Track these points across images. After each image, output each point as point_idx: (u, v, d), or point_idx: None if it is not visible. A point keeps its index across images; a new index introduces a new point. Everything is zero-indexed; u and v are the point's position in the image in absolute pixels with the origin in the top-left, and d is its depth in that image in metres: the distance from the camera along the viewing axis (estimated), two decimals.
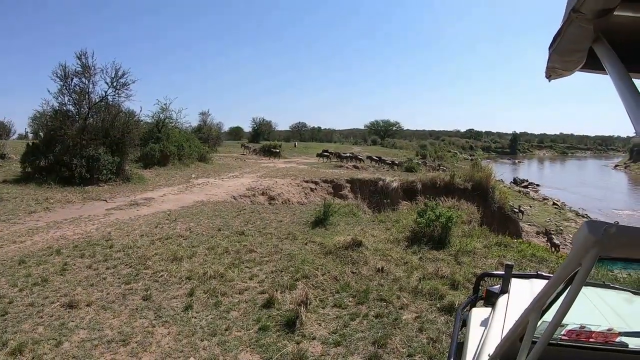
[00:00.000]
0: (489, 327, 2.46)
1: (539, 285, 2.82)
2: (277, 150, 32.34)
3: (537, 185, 41.46)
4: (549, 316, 1.41)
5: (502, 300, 2.79)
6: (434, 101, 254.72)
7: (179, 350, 4.53)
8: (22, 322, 4.96)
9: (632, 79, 1.04)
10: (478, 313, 2.91)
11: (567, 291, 1.10)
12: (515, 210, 20.52)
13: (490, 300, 3.03)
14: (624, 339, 2.05)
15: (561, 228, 21.90)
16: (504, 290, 2.95)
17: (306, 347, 4.63)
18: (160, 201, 12.75)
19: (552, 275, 1.33)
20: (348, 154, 28.92)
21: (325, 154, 29.59)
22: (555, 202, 30.23)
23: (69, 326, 4.92)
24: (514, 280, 3.04)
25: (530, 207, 27.25)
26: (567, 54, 1.16)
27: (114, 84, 17.01)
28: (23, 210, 10.66)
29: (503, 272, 3.09)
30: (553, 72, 1.31)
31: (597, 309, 2.36)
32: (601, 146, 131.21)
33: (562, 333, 2.07)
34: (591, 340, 2.06)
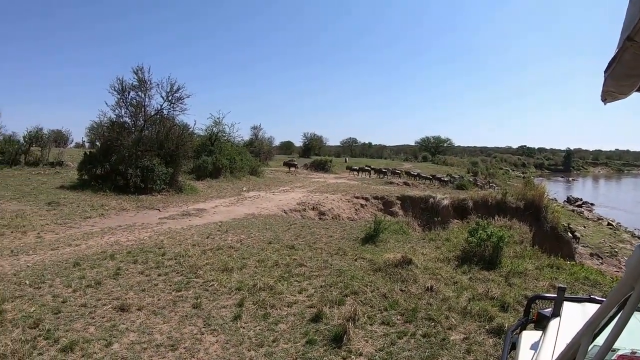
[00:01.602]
0: (539, 351, 2.37)
1: (591, 309, 2.72)
2: (295, 163, 32.49)
3: (592, 204, 39.40)
4: (600, 340, 1.35)
5: (553, 324, 2.68)
6: (485, 117, 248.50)
7: (226, 358, 4.55)
8: (74, 321, 5.14)
9: None
10: (528, 336, 2.79)
11: (619, 315, 1.05)
12: (568, 229, 19.73)
13: (541, 323, 2.91)
14: None
15: (616, 250, 20.68)
16: (556, 313, 2.83)
17: None
18: (211, 212, 13.00)
19: (605, 299, 1.29)
20: (383, 169, 30.66)
21: (355, 168, 31.22)
22: (610, 222, 28.53)
23: (120, 328, 5.05)
24: (566, 304, 2.92)
25: (584, 227, 25.96)
26: (623, 79, 1.15)
27: (169, 98, 17.68)
28: (79, 215, 11.17)
29: (555, 295, 2.98)
30: (609, 95, 1.30)
31: None
32: None
33: (613, 358, 1.99)
34: None
